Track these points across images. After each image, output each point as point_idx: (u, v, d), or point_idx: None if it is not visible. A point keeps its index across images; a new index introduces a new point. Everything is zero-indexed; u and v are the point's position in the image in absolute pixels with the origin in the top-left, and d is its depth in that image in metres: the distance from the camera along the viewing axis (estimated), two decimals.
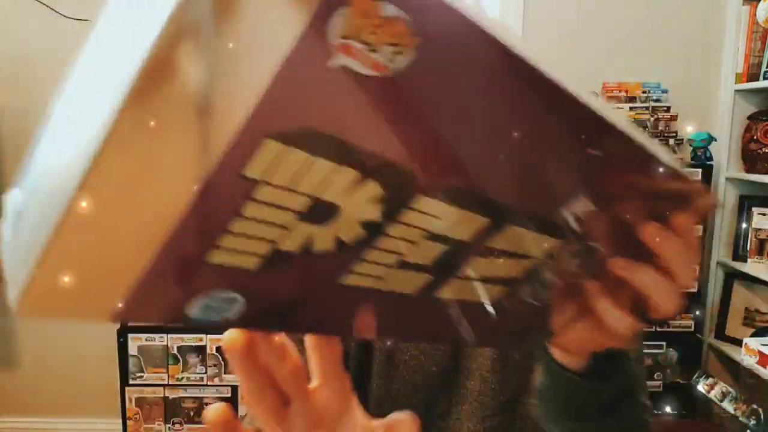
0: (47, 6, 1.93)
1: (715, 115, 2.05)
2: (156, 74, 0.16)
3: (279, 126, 0.18)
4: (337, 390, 0.30)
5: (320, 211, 0.22)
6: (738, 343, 1.84)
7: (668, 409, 1.98)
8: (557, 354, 0.42)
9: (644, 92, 2.00)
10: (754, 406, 1.73)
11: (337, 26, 0.17)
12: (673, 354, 1.97)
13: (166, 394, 1.94)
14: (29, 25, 1.97)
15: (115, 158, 0.17)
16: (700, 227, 1.91)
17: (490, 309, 0.31)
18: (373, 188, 0.22)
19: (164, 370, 1.92)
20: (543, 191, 0.28)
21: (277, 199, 0.20)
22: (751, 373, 1.77)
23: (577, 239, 0.30)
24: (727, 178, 2.00)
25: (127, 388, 1.93)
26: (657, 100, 1.99)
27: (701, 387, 1.86)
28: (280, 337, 0.29)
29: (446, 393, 0.65)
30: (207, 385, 1.93)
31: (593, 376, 0.41)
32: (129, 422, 1.95)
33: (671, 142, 1.93)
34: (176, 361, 1.92)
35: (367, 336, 0.29)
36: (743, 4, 1.93)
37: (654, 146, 0.27)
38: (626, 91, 2.01)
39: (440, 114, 0.21)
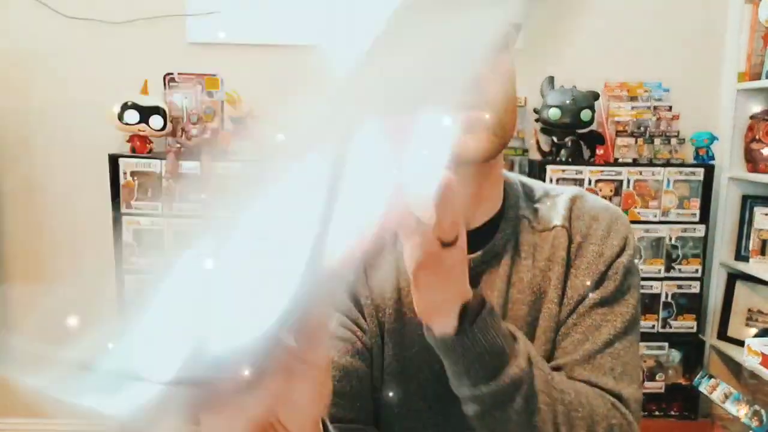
0: (47, 6, 1.93)
1: (717, 115, 2.05)
2: None
3: None
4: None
5: None
6: (740, 343, 1.84)
7: (670, 410, 1.97)
8: (430, 329, 0.51)
9: (646, 91, 2.00)
10: (757, 407, 1.72)
11: None
12: (675, 355, 1.96)
13: None
14: (29, 24, 1.96)
15: None
16: (703, 227, 1.90)
17: None
18: None
19: None
20: None
21: None
22: (753, 374, 1.76)
23: None
24: (729, 178, 2.00)
25: None
26: (659, 100, 1.98)
27: (703, 388, 1.85)
28: None
29: (449, 389, 0.65)
30: None
31: (459, 336, 0.49)
32: None
33: (673, 141, 1.92)
34: None
35: None
36: (745, 3, 1.93)
37: None
38: (628, 91, 2.01)
39: None
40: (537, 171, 1.91)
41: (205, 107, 1.88)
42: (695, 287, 1.93)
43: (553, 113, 1.85)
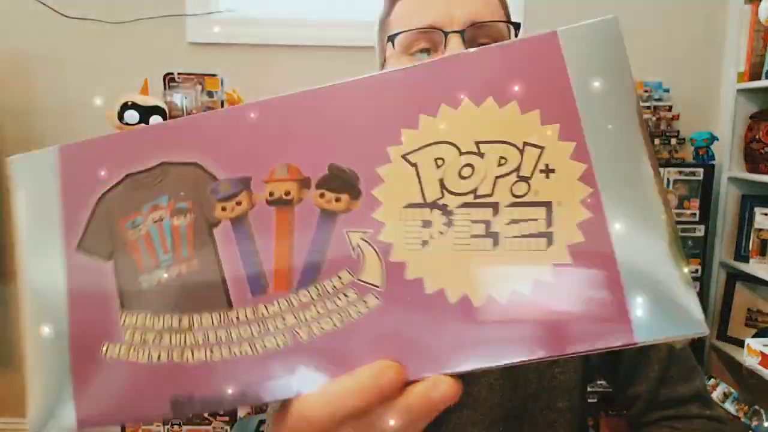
0: (47, 6, 1.93)
1: (717, 115, 2.05)
2: None
3: None
4: None
5: None
6: (740, 343, 1.84)
7: None
8: None
9: (646, 91, 2.00)
10: (756, 407, 1.72)
11: None
12: None
13: None
14: (29, 25, 1.96)
15: None
16: (702, 227, 1.90)
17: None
18: None
19: None
20: None
21: None
22: (753, 374, 1.76)
23: None
24: (729, 178, 2.00)
25: None
26: (659, 100, 1.98)
27: None
28: None
29: None
30: None
31: None
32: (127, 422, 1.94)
33: (673, 141, 1.92)
34: None
35: None
36: (745, 3, 1.93)
37: None
38: None
39: None
40: None
41: (205, 107, 1.88)
42: (695, 287, 1.93)
43: None
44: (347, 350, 0.26)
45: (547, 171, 0.25)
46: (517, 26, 0.61)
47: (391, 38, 0.61)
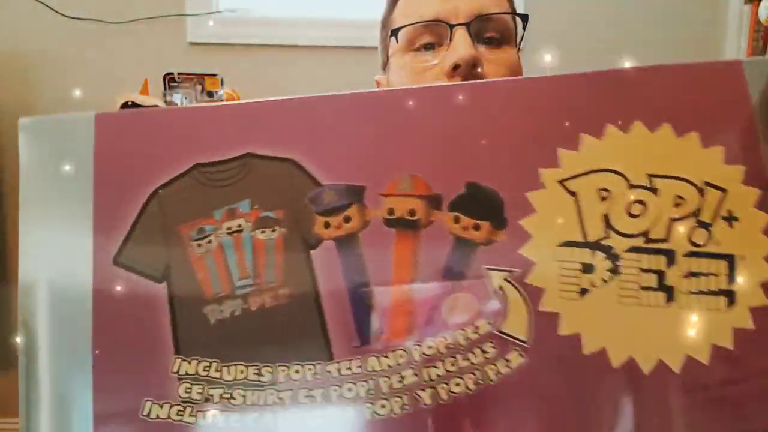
0: (46, 5, 1.93)
1: None
2: None
3: None
4: None
5: None
6: None
7: None
8: None
9: None
10: None
11: None
12: None
13: None
14: (29, 25, 1.96)
15: None
16: None
17: None
18: None
19: None
20: None
21: None
22: None
23: None
24: None
25: None
26: None
27: None
28: None
29: None
30: None
31: None
32: None
33: None
34: None
35: None
36: (745, 3, 1.93)
37: None
38: None
39: None
40: None
41: None
42: None
43: None
44: (483, 422, 0.20)
45: (730, 219, 0.21)
46: (524, 18, 0.61)
47: (395, 33, 0.60)
